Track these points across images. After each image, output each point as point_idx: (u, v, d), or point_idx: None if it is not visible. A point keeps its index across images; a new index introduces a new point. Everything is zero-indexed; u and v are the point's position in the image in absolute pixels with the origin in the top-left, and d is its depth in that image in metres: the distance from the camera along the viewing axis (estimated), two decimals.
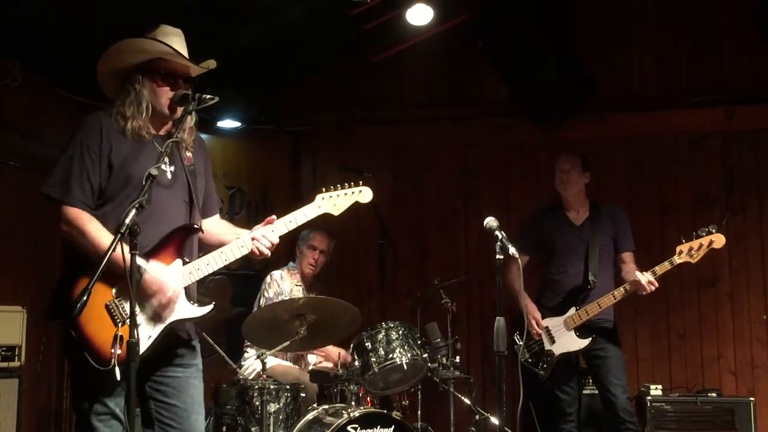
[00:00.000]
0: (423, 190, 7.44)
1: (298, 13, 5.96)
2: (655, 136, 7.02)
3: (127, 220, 3.03)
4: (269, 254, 3.61)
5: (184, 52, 3.57)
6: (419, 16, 6.40)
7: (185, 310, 3.45)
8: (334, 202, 3.77)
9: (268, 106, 7.42)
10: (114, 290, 3.31)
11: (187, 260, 3.50)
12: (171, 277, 3.39)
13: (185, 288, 3.47)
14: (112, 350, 3.18)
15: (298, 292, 5.82)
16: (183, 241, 3.49)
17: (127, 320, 3.19)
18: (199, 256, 3.60)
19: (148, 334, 3.35)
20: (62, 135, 5.72)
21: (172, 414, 3.47)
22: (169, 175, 3.51)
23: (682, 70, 6.99)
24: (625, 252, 5.60)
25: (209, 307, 3.48)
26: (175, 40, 3.56)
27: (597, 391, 5.59)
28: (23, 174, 5.75)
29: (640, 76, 7.08)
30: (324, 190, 3.80)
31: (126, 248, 3.06)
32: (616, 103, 7.01)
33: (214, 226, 3.75)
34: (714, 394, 6.06)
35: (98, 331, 3.25)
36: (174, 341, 3.50)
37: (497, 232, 3.87)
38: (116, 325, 3.27)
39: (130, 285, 3.04)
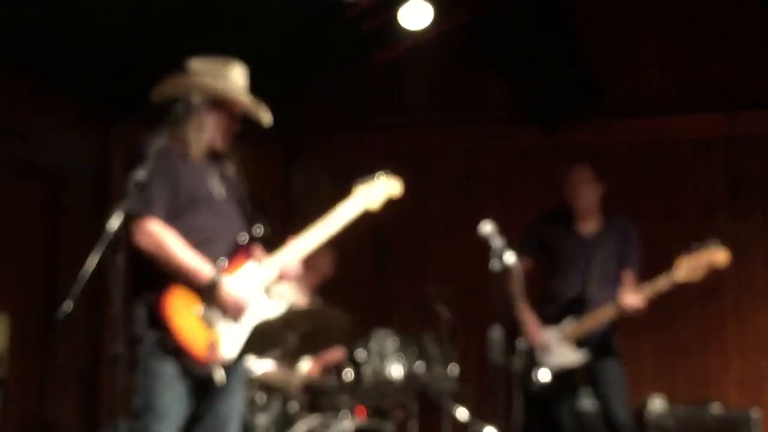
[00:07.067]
0: (423, 196, 7.33)
1: (293, 17, 5.89)
2: (658, 142, 6.97)
3: None
4: None
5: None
6: (418, 16, 6.31)
7: (269, 308, 3.65)
8: (371, 192, 4.18)
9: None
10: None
11: (258, 262, 3.68)
12: (245, 290, 3.54)
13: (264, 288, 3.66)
14: (210, 353, 3.35)
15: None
16: (250, 248, 3.67)
17: (214, 326, 3.43)
18: None
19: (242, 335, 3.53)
20: (57, 140, 5.77)
21: (213, 418, 3.55)
22: (223, 195, 3.71)
23: (686, 75, 6.94)
24: (625, 269, 5.38)
25: (284, 303, 3.74)
26: (243, 85, 3.81)
27: (595, 406, 5.50)
28: (13, 178, 5.68)
29: (644, 82, 7.02)
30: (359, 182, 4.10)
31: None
32: (620, 109, 6.95)
33: None
34: (718, 407, 5.98)
35: (195, 339, 3.38)
36: None
37: (490, 240, 3.81)
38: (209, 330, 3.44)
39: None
